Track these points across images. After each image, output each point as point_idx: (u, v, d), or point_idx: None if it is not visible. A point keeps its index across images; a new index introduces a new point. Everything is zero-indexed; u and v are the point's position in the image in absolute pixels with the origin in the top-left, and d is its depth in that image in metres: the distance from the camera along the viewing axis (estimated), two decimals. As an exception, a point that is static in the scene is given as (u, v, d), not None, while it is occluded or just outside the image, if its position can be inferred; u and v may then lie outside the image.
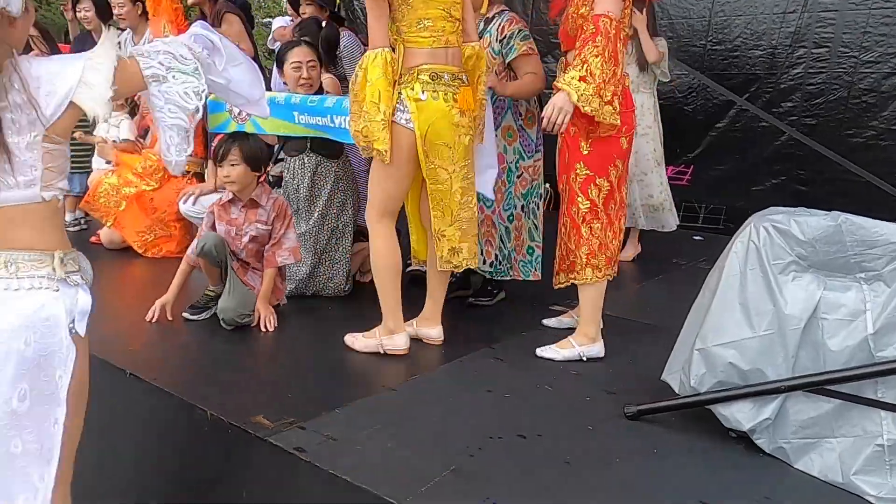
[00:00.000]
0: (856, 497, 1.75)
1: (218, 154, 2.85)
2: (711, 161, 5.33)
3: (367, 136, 2.35)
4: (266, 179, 3.69)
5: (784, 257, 1.88)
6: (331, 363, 2.52)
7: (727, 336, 1.93)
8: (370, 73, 2.33)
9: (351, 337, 2.61)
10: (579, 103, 2.26)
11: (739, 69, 5.19)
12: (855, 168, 4.76)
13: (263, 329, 2.77)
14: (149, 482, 2.22)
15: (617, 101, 2.36)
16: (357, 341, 2.58)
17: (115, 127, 4.31)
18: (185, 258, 2.92)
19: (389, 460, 1.83)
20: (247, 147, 2.82)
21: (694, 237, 4.98)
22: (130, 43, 4.77)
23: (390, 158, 2.38)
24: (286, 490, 1.87)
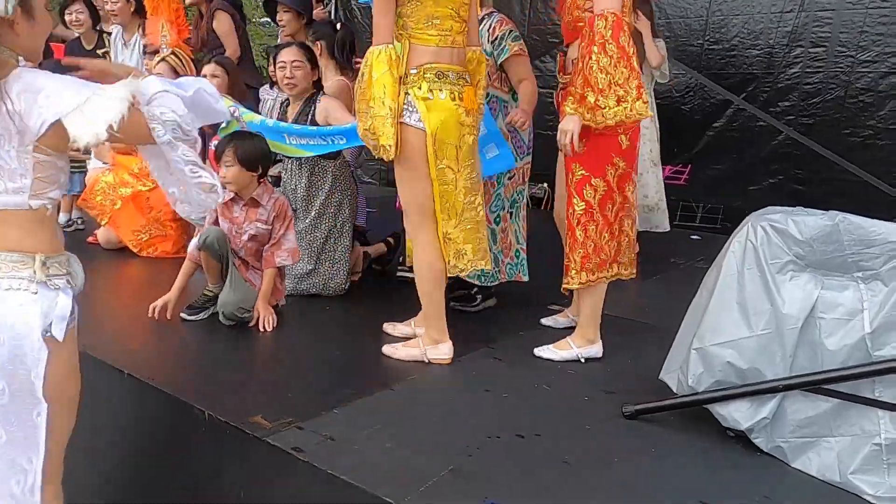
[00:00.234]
0: (854, 496, 1.76)
1: (216, 154, 2.86)
2: (709, 160, 5.34)
3: (374, 133, 2.31)
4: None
5: (781, 257, 1.88)
6: (329, 363, 2.52)
7: (725, 335, 1.93)
8: (375, 69, 2.29)
9: (391, 348, 2.56)
10: (590, 122, 2.29)
11: (737, 68, 5.20)
12: (852, 167, 4.77)
13: (262, 329, 2.77)
14: (146, 482, 2.21)
15: (645, 93, 2.32)
16: (398, 351, 2.54)
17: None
18: (189, 256, 2.93)
19: (388, 460, 1.83)
20: (241, 148, 2.80)
21: (691, 236, 4.99)
22: (121, 40, 4.77)
23: (408, 160, 2.35)
24: (284, 490, 1.87)
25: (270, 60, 3.57)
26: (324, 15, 4.32)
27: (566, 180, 2.50)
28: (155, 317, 2.77)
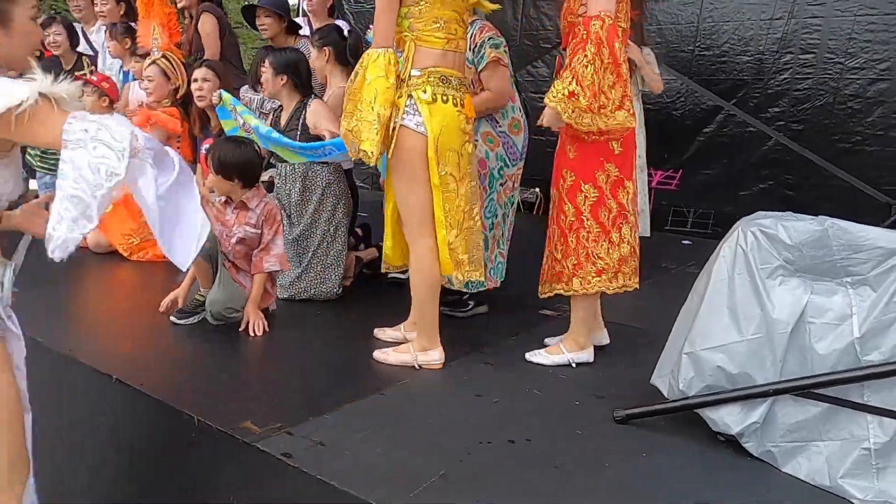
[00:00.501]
0: (843, 500, 1.76)
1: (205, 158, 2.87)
2: (699, 166, 5.37)
3: (356, 135, 2.29)
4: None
5: (771, 262, 1.89)
6: (320, 368, 2.51)
7: (715, 340, 1.93)
8: (370, 72, 2.26)
9: (382, 353, 2.54)
10: (570, 121, 2.27)
11: (727, 74, 5.24)
12: (841, 173, 4.81)
13: (252, 334, 2.75)
14: (135, 488, 2.19)
15: (629, 103, 2.31)
16: (389, 356, 2.53)
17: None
18: None
19: (378, 465, 1.82)
20: (219, 157, 2.80)
21: (682, 241, 5.01)
22: (107, 42, 4.75)
23: (406, 165, 2.32)
24: (274, 496, 1.85)
25: (258, 61, 3.60)
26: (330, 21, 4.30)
27: (557, 186, 2.50)
28: (164, 313, 2.86)
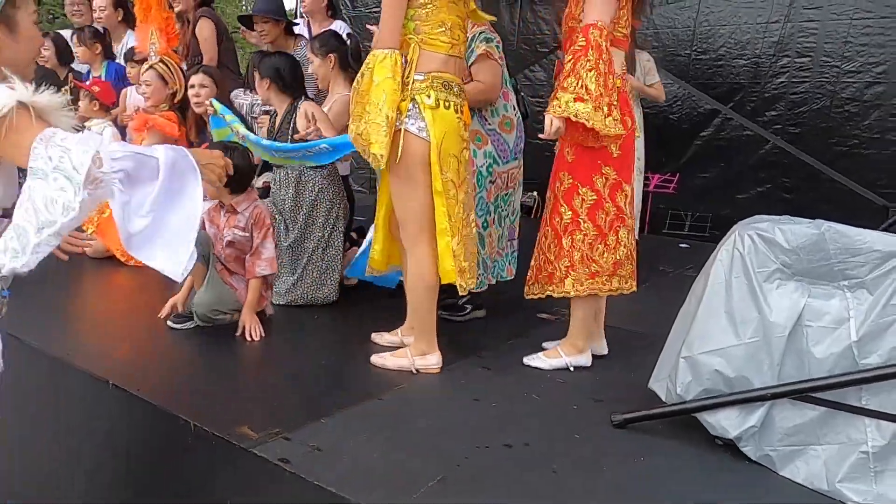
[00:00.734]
0: (841, 504, 1.77)
1: None
2: (697, 169, 5.38)
3: (366, 139, 2.26)
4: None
5: (768, 265, 1.89)
6: (317, 372, 2.51)
7: (713, 344, 1.93)
8: (377, 73, 2.23)
9: (379, 358, 2.53)
10: (580, 120, 2.26)
11: (724, 78, 5.25)
12: (838, 176, 4.82)
13: (249, 338, 2.75)
14: (131, 493, 2.19)
15: (616, 111, 2.33)
16: (387, 361, 2.52)
17: (99, 134, 4.27)
18: None
19: (376, 471, 1.82)
20: None
21: (680, 245, 5.01)
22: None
23: (407, 170, 2.31)
24: (271, 502, 1.85)
25: (251, 66, 3.70)
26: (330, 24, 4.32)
27: (553, 188, 2.50)
28: (163, 318, 2.84)
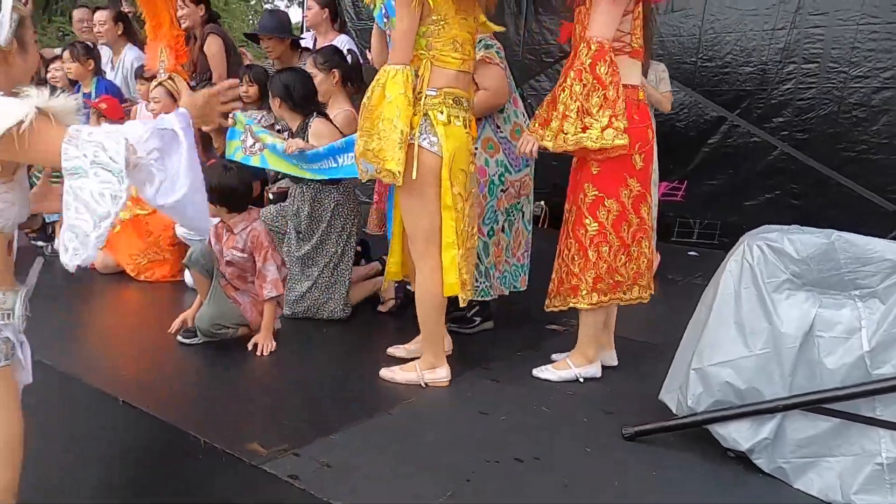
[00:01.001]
0: (857, 517, 1.74)
1: None
2: (704, 176, 5.35)
3: (379, 156, 2.24)
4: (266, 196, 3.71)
5: (778, 276, 1.88)
6: (326, 387, 2.50)
7: (723, 355, 1.92)
8: (389, 90, 2.23)
9: (388, 371, 2.54)
10: (548, 146, 2.37)
11: (730, 85, 5.23)
12: (847, 181, 4.78)
13: (259, 353, 2.75)
14: (142, 511, 2.19)
15: (619, 122, 2.32)
16: (396, 375, 2.52)
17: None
18: None
19: (386, 487, 1.81)
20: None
21: (689, 253, 4.98)
22: (109, 63, 4.81)
23: (419, 185, 2.31)
24: (281, 518, 1.85)
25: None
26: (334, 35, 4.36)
27: (576, 200, 2.49)
28: (174, 333, 2.86)
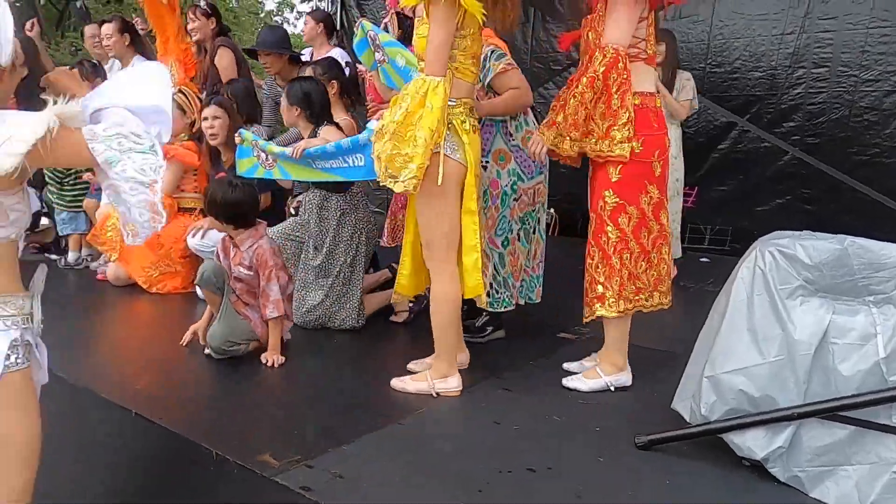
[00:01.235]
0: (875, 526, 1.72)
1: None
2: (715, 182, 5.33)
3: (412, 162, 2.24)
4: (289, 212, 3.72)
5: (791, 282, 1.86)
6: (337, 397, 2.50)
7: (736, 363, 1.90)
8: (431, 100, 2.24)
9: (399, 381, 2.54)
10: (551, 146, 2.42)
11: (740, 91, 5.22)
12: (859, 185, 4.75)
13: (270, 365, 2.76)
14: (155, 523, 2.19)
15: (628, 130, 2.32)
16: (407, 384, 2.52)
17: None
18: None
19: (398, 497, 1.81)
20: (206, 195, 2.93)
21: (700, 259, 4.96)
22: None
23: (444, 194, 2.36)
24: (293, 530, 1.84)
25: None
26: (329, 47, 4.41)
27: (596, 207, 2.48)
28: (185, 346, 2.91)
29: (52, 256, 4.56)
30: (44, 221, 4.86)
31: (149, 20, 4.63)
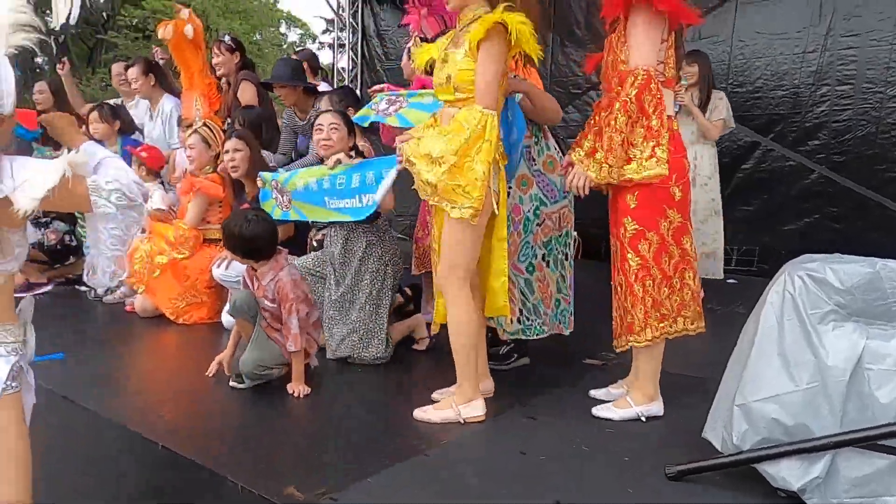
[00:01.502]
0: (920, 560, 1.65)
1: None
2: (740, 202, 5.28)
3: (470, 193, 2.30)
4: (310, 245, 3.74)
5: (822, 306, 1.82)
6: (361, 428, 2.49)
7: (768, 390, 1.86)
8: (490, 133, 2.31)
9: (422, 412, 2.51)
10: (599, 179, 2.34)
11: (762, 110, 5.18)
12: (887, 202, 4.67)
13: (295, 396, 2.76)
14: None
15: (662, 152, 2.31)
16: (431, 414, 2.50)
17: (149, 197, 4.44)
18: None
19: (423, 532, 1.78)
20: (224, 229, 2.96)
21: (728, 280, 4.88)
22: (148, 113, 5.00)
23: (480, 224, 2.40)
24: (319, 565, 1.83)
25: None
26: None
27: (617, 234, 2.46)
28: (211, 377, 2.95)
29: (82, 288, 4.64)
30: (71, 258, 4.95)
31: (173, 56, 4.74)
